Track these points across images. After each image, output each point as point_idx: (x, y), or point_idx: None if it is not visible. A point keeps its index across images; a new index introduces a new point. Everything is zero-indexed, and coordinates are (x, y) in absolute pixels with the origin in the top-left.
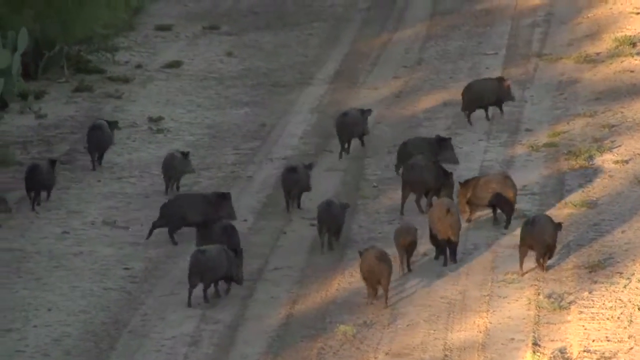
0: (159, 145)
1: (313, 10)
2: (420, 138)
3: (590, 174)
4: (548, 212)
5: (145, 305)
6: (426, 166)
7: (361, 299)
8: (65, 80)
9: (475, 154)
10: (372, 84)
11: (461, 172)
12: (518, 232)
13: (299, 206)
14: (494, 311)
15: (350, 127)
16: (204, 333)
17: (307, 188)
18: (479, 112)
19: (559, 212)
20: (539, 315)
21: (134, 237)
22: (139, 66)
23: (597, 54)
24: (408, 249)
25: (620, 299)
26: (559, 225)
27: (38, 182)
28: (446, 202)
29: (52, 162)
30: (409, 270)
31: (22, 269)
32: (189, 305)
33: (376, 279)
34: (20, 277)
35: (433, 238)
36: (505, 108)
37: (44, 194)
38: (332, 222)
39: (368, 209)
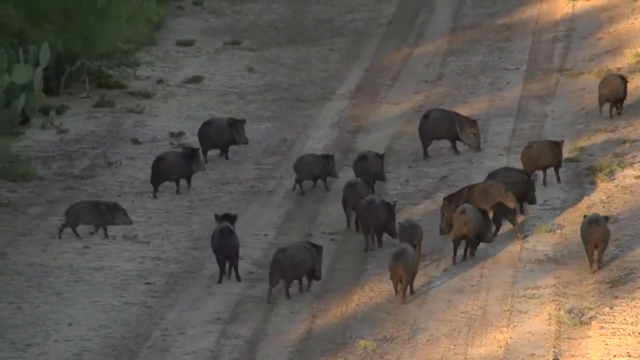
0: None
1: (334, 26)
2: None
3: (611, 189)
4: (569, 227)
5: (166, 320)
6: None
7: (381, 314)
8: (86, 95)
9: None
10: (393, 99)
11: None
12: (538, 247)
13: (372, 192)
14: (514, 326)
15: (370, 170)
16: (224, 348)
17: (381, 176)
18: (497, 127)
19: (580, 227)
20: (559, 331)
21: (154, 252)
22: (160, 81)
23: (619, 69)
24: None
25: None
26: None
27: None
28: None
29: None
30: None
31: (43, 284)
32: (269, 302)
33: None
34: (41, 291)
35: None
36: (526, 124)
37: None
38: (373, 221)
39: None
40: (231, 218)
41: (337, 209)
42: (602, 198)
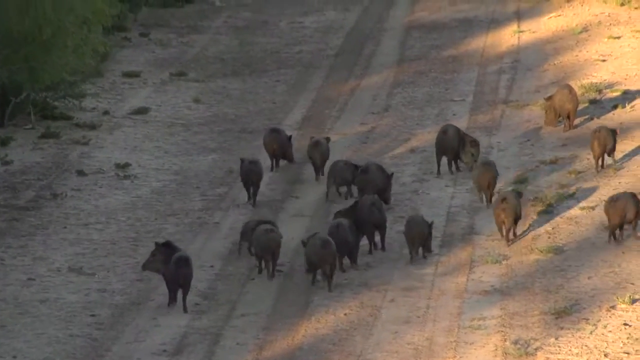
0: (125, 192)
1: (281, 57)
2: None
3: (556, 220)
4: (515, 259)
5: (111, 352)
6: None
7: (328, 345)
8: (31, 127)
9: (442, 200)
10: (339, 130)
11: (427, 218)
12: (484, 277)
13: (387, 202)
14: (460, 357)
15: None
16: None
17: (384, 192)
18: (443, 158)
19: (526, 258)
20: None
21: (100, 284)
22: (106, 112)
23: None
24: (422, 241)
25: (586, 345)
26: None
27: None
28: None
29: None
30: (424, 256)
31: None
32: (313, 283)
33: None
34: None
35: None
36: None
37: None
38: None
39: None
40: (171, 246)
41: (284, 240)
42: (547, 229)
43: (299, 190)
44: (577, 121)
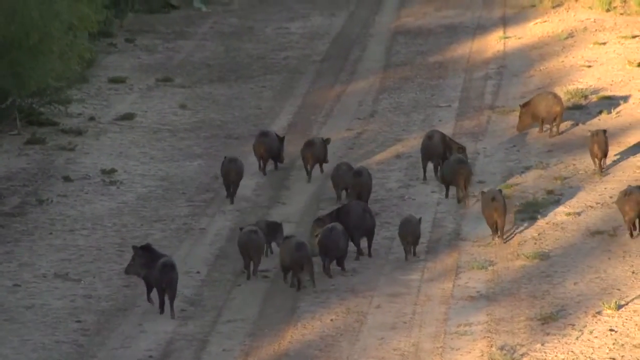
0: (111, 198)
1: (267, 63)
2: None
3: (542, 225)
4: (501, 264)
5: (97, 359)
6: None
7: (314, 351)
8: (17, 133)
9: (428, 206)
10: (325, 136)
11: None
12: (470, 283)
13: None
14: None
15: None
16: None
17: (368, 191)
18: (429, 164)
19: (512, 264)
20: None
21: (86, 290)
22: (92, 118)
23: None
24: (416, 240)
25: (572, 351)
26: None
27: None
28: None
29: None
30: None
31: None
32: (290, 286)
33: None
34: None
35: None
36: None
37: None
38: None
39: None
40: (150, 249)
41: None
42: (533, 235)
43: (285, 197)
44: (564, 127)
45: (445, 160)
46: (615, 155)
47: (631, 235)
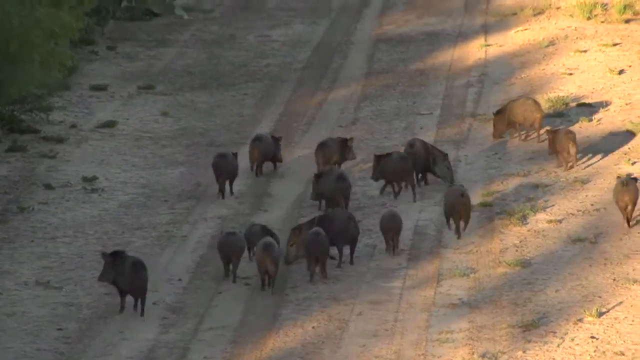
0: (93, 205)
1: (248, 70)
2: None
3: (524, 233)
4: (482, 272)
5: None
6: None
7: (296, 359)
8: None
9: (410, 213)
10: (307, 144)
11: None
12: (452, 291)
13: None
14: None
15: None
16: None
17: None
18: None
19: (493, 271)
20: None
21: (67, 298)
22: (73, 126)
23: None
24: (394, 236)
25: (553, 358)
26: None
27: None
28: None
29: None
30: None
31: None
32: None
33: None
34: None
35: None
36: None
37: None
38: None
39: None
40: (121, 255)
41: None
42: (515, 242)
43: (267, 204)
44: (545, 135)
45: (426, 168)
46: (595, 162)
47: (628, 224)
